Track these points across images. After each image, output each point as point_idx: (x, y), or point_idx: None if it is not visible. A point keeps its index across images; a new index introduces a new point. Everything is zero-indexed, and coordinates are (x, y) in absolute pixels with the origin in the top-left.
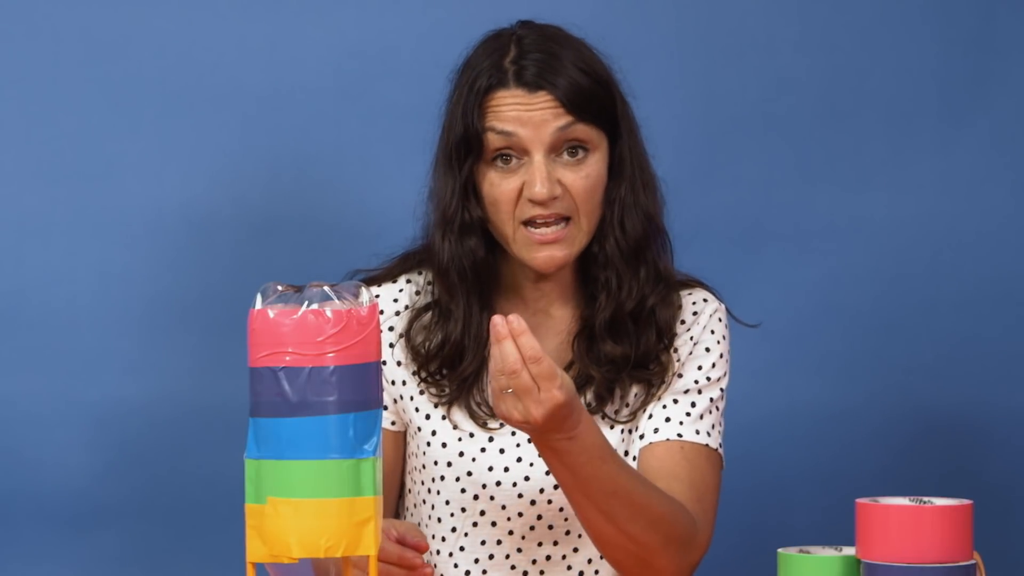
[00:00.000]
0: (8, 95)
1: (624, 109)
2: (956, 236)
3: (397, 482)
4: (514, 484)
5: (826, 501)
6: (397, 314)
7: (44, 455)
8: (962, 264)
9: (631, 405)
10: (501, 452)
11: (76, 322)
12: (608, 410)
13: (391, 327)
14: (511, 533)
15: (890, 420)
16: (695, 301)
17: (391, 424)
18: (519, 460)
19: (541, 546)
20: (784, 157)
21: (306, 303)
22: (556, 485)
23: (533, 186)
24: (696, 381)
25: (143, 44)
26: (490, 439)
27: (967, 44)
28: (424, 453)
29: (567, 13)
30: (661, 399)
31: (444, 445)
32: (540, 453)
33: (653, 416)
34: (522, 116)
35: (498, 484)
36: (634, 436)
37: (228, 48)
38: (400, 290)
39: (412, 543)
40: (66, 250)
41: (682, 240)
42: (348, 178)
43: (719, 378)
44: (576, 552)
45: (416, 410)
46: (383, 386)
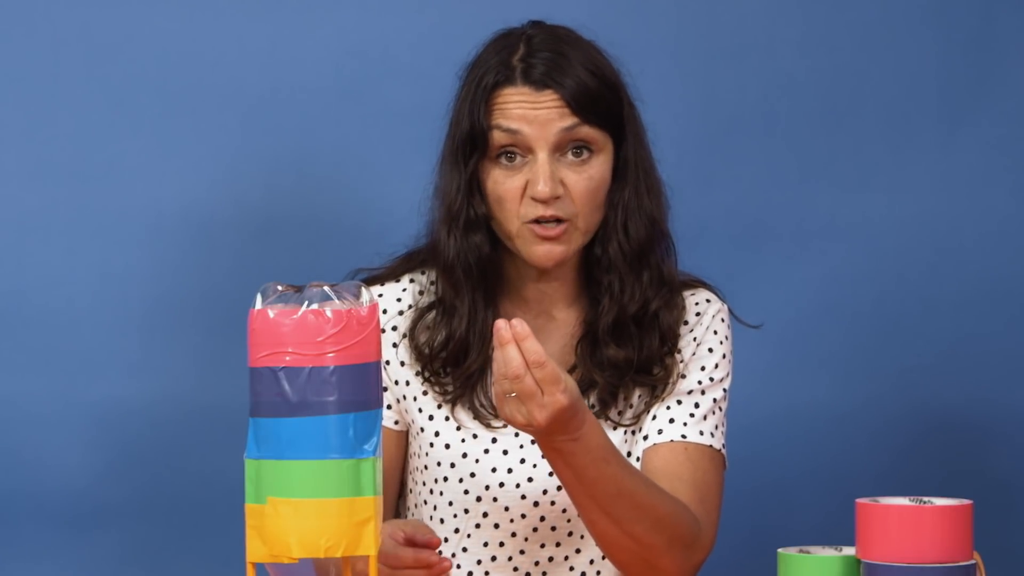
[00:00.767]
0: (8, 95)
1: (631, 112)
2: (956, 236)
3: (399, 481)
4: (517, 485)
5: (826, 501)
6: (400, 313)
7: (44, 455)
8: (962, 264)
9: (635, 408)
10: (505, 453)
11: (76, 322)
12: (611, 413)
13: (394, 327)
14: (514, 535)
15: (890, 420)
16: (698, 301)
17: (394, 424)
18: (522, 461)
19: (544, 547)
20: (784, 157)
21: (306, 303)
22: (559, 486)
23: (536, 184)
24: (699, 382)
25: (143, 44)
26: (493, 440)
27: (967, 44)
28: (427, 454)
29: (568, 13)
30: (665, 400)
31: (447, 446)
32: (544, 454)
33: (657, 417)
34: (528, 114)
35: (501, 485)
36: (638, 437)
37: (228, 48)
38: (403, 289)
39: (423, 541)
40: (66, 250)
41: (682, 240)
42: (348, 178)
43: (722, 378)
44: (578, 553)
45: (419, 411)
46: (384, 386)
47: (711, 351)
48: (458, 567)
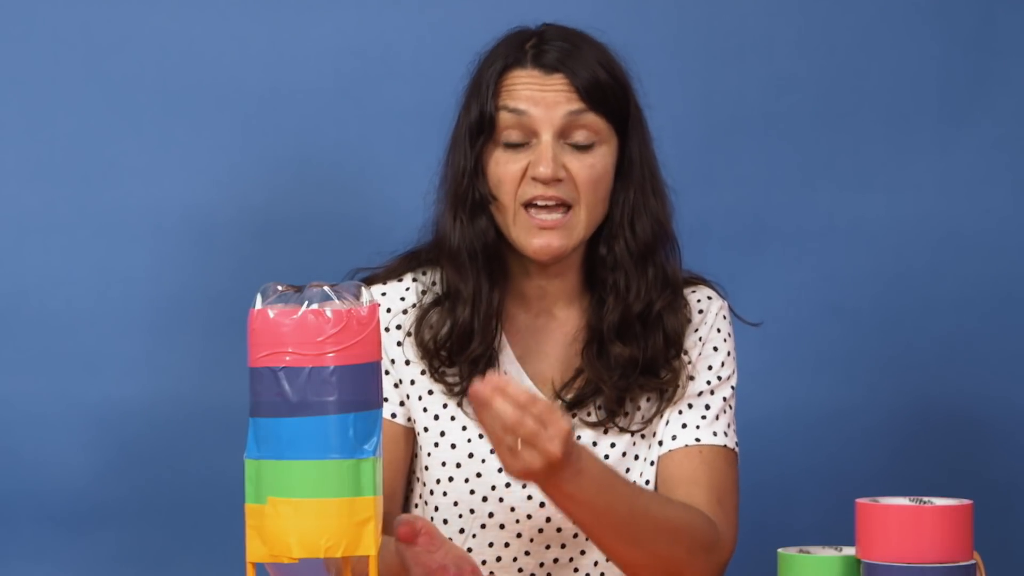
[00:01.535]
0: (8, 95)
1: (637, 113)
2: (956, 236)
3: (406, 479)
4: (524, 486)
5: (826, 501)
6: (404, 312)
7: (44, 455)
8: (962, 264)
9: (643, 413)
10: None
11: (76, 322)
12: (619, 420)
13: (398, 325)
14: (519, 536)
15: (890, 419)
16: (700, 299)
17: (407, 420)
18: None
19: (549, 549)
20: (784, 157)
21: (306, 303)
22: None
23: (538, 166)
24: (708, 382)
25: (143, 44)
26: None
27: (967, 44)
28: (429, 454)
29: (570, 14)
30: (676, 405)
31: (453, 446)
32: (556, 504)
33: (670, 423)
34: (535, 96)
35: (508, 486)
36: (652, 442)
37: (228, 48)
38: (407, 288)
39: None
40: (66, 250)
41: (683, 239)
42: (348, 178)
43: (729, 376)
44: (583, 555)
45: (424, 410)
46: (384, 386)
47: (716, 350)
48: None
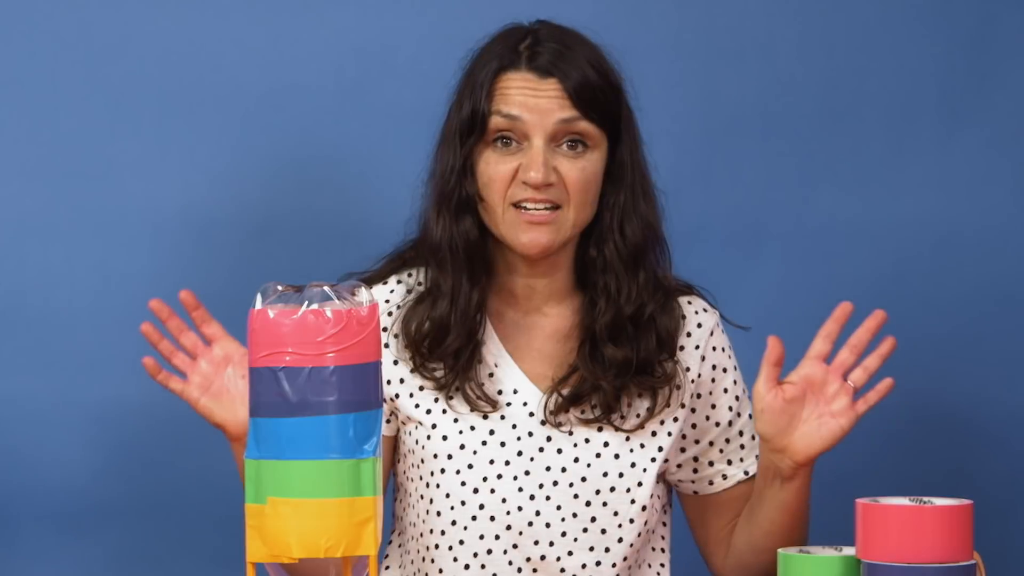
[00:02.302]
0: (8, 95)
1: (629, 116)
2: (956, 236)
3: (386, 485)
4: (515, 478)
5: (826, 501)
6: (389, 315)
7: (44, 455)
8: (962, 264)
9: (635, 410)
10: (502, 445)
11: (76, 322)
12: (614, 419)
13: (384, 328)
14: (508, 528)
15: (890, 420)
16: (697, 311)
17: (386, 422)
18: (520, 454)
19: (537, 545)
20: (784, 157)
21: (306, 303)
22: (555, 481)
23: (529, 170)
24: (730, 408)
25: (143, 44)
26: (491, 432)
27: (967, 44)
28: (423, 447)
29: (568, 14)
30: (715, 445)
31: (445, 438)
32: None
33: (713, 463)
34: (528, 102)
35: (499, 477)
36: (642, 442)
37: (228, 48)
38: (391, 291)
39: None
40: (66, 250)
41: (682, 239)
42: (348, 178)
43: (744, 389)
44: (571, 556)
45: (416, 406)
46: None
47: (725, 371)
48: (455, 560)
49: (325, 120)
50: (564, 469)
